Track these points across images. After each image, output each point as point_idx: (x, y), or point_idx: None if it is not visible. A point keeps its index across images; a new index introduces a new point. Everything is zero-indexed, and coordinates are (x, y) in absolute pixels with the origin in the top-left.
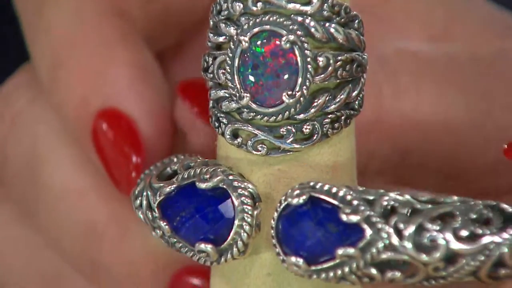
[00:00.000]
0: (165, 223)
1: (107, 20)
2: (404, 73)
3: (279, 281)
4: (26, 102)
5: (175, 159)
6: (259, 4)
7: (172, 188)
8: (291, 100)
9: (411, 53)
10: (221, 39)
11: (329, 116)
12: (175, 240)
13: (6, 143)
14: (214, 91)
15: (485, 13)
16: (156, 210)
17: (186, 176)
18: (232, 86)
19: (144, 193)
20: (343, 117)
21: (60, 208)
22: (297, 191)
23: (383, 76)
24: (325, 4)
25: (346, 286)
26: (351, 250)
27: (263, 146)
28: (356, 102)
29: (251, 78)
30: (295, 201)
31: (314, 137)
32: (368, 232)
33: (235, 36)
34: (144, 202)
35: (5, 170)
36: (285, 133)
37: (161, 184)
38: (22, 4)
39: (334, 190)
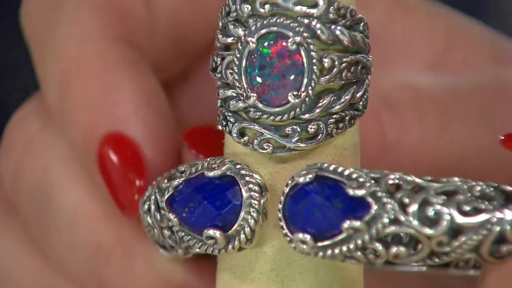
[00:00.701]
0: (173, 216)
1: (114, 47)
2: (407, 109)
3: (283, 276)
4: (37, 129)
5: (183, 166)
6: (267, 6)
7: (180, 181)
8: (296, 100)
9: (413, 87)
10: (229, 40)
11: (333, 116)
12: (183, 233)
13: (19, 168)
14: (222, 90)
15: (481, 36)
16: (164, 207)
17: (193, 171)
18: (240, 86)
19: (152, 197)
20: (347, 118)
21: (70, 230)
22: (304, 171)
23: (386, 114)
24: (331, 7)
25: (350, 275)
26: (357, 223)
27: (269, 144)
28: (360, 103)
29: (258, 78)
30: (301, 179)
31: (319, 137)
32: (374, 206)
33: (243, 37)
34: (152, 206)
35: (17, 194)
36: (290, 132)
37: (169, 183)
38: (32, 33)
39: (340, 169)
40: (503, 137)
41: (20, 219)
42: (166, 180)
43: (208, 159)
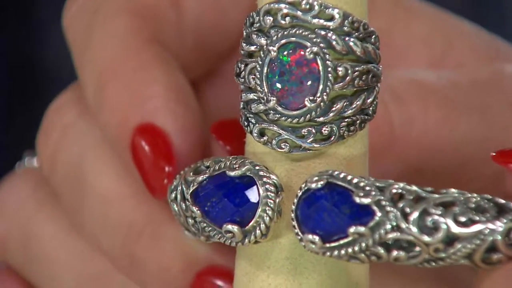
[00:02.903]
0: (197, 209)
1: (146, 47)
2: (413, 102)
3: (296, 264)
4: (75, 115)
5: (208, 160)
6: (287, 19)
7: (205, 178)
8: (312, 105)
9: (417, 81)
10: (252, 48)
11: (345, 120)
12: (205, 224)
13: (56, 151)
14: (244, 94)
15: (477, 39)
16: (189, 199)
17: (217, 168)
18: (261, 90)
19: (179, 188)
20: (358, 121)
21: (103, 210)
22: (316, 177)
23: (394, 107)
24: (346, 21)
25: (356, 265)
26: (361, 229)
27: (286, 144)
28: (370, 108)
29: (278, 84)
30: (314, 185)
31: (332, 138)
32: (378, 213)
33: (265, 46)
34: (179, 196)
35: (54, 175)
36: (306, 133)
37: (195, 177)
38: (73, 37)
39: (349, 177)
40: (494, 154)
41: (62, 207)
42: (192, 173)
43: (230, 158)
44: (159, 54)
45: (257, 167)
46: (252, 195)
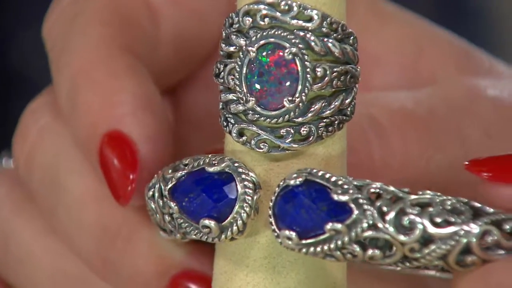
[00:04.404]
0: (174, 204)
1: (118, 55)
2: (393, 133)
3: (274, 263)
4: (51, 118)
5: (186, 159)
6: (266, 20)
7: (183, 174)
8: (291, 105)
9: (397, 109)
10: (231, 49)
11: (324, 120)
12: (182, 220)
13: (32, 153)
14: (223, 94)
15: (448, 46)
16: (167, 195)
17: (196, 165)
18: (240, 90)
19: (157, 185)
20: (336, 122)
21: (78, 212)
22: (295, 174)
23: (374, 138)
24: (324, 22)
25: (334, 265)
26: (338, 226)
27: (265, 144)
28: (349, 109)
29: (257, 84)
30: (292, 182)
31: (310, 139)
32: (355, 211)
33: (244, 47)
34: (156, 193)
35: (30, 177)
36: (284, 133)
37: (173, 174)
38: (51, 42)
39: (327, 175)
40: (467, 163)
41: (38, 208)
42: (170, 171)
43: (209, 156)
44: (130, 63)
45: (236, 164)
46: (230, 191)
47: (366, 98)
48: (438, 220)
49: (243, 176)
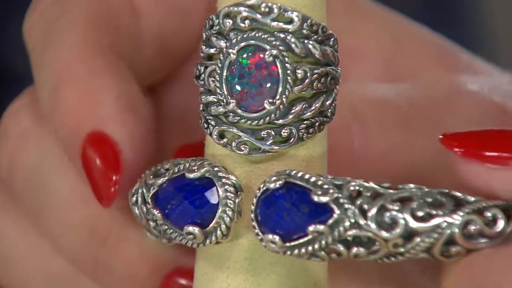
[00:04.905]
0: (157, 211)
1: (100, 56)
2: (374, 123)
3: (255, 265)
4: (32, 120)
5: (167, 163)
6: (247, 22)
7: (164, 180)
8: (272, 107)
9: (378, 100)
10: (212, 50)
11: (304, 122)
12: (166, 227)
13: (15, 156)
14: (204, 96)
15: (427, 42)
16: (150, 202)
17: (176, 170)
18: (220, 92)
19: (140, 191)
20: (317, 124)
21: (66, 213)
22: (275, 177)
23: (356, 128)
24: (305, 24)
25: (315, 265)
26: (321, 227)
27: (246, 146)
28: (329, 111)
29: (237, 86)
30: (272, 185)
31: (291, 140)
32: (336, 211)
33: (224, 49)
34: (140, 199)
35: (14, 180)
36: (265, 135)
37: (154, 180)
38: (32, 41)
39: (307, 176)
40: (441, 136)
41: (24, 210)
42: (152, 176)
43: (189, 160)
44: (112, 62)
45: (215, 168)
46: (212, 196)
47: (347, 88)
48: (420, 213)
49: (224, 180)
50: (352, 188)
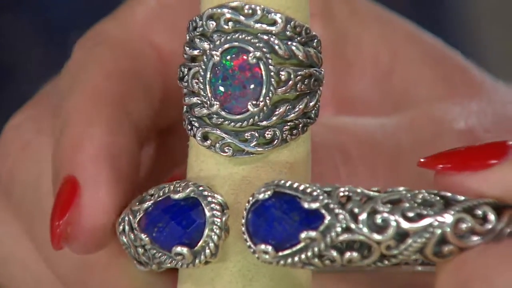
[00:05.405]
0: (145, 236)
1: (102, 107)
2: (360, 163)
3: (239, 267)
4: (34, 133)
5: (152, 189)
6: (230, 23)
7: (149, 204)
8: (255, 109)
9: (365, 138)
10: (195, 52)
11: (288, 124)
12: (155, 251)
13: (14, 168)
14: (188, 98)
15: (425, 49)
16: (136, 227)
17: (161, 194)
18: (204, 94)
19: (126, 218)
20: (300, 125)
21: None
22: (263, 188)
23: (343, 169)
24: (288, 25)
25: (298, 270)
26: (313, 233)
27: (230, 148)
28: (313, 112)
29: (221, 88)
30: (261, 196)
31: (275, 142)
32: (327, 217)
33: (208, 51)
34: (127, 227)
35: (13, 190)
36: (249, 137)
37: (140, 206)
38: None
39: (295, 185)
40: (422, 160)
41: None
42: (137, 203)
43: (174, 183)
44: (111, 115)
45: (200, 188)
46: (198, 215)
47: (336, 124)
48: (411, 214)
49: (209, 199)
50: (341, 193)
